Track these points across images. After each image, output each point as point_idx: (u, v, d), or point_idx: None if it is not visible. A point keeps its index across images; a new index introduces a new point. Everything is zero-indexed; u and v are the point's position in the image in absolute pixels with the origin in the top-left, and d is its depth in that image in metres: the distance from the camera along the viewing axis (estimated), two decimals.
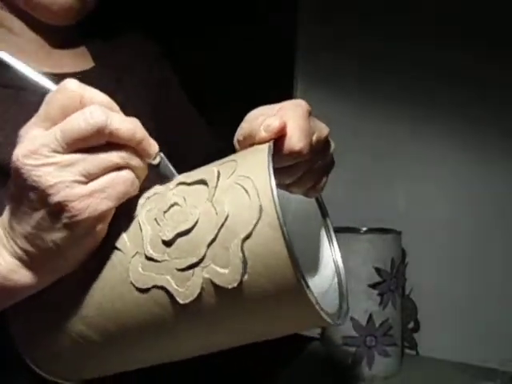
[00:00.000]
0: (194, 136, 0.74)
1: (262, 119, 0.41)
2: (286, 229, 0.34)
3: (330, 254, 0.51)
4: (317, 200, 0.53)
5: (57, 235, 0.37)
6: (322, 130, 0.46)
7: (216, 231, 0.36)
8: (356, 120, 1.06)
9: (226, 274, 0.35)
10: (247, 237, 0.35)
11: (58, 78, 0.56)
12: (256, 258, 0.35)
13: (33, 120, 0.38)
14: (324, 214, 0.52)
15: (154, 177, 0.42)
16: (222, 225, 0.36)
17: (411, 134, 1.02)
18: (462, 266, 0.98)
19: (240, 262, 0.35)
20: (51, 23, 0.57)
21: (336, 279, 0.48)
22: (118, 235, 0.39)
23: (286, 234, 0.34)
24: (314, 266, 0.51)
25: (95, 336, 0.41)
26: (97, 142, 0.37)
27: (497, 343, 0.94)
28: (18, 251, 0.38)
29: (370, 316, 0.89)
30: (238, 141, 0.44)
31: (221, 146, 0.75)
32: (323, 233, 0.52)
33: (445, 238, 1.00)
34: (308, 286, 0.35)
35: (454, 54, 0.96)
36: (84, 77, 0.58)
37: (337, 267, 0.49)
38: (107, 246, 0.39)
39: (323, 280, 0.49)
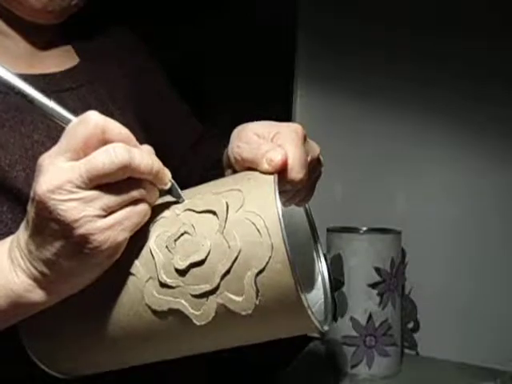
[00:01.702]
0: (179, 124, 0.74)
1: (264, 149, 0.44)
2: (295, 265, 0.39)
3: (316, 263, 0.54)
4: (305, 210, 0.56)
5: (75, 262, 0.39)
6: (315, 150, 0.49)
7: (230, 264, 0.39)
8: (356, 120, 1.06)
9: (240, 301, 0.40)
10: (260, 271, 0.39)
11: (46, 78, 0.57)
12: (267, 288, 0.39)
13: (54, 149, 0.39)
14: (312, 224, 0.56)
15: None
16: (236, 258, 0.39)
17: (411, 134, 1.02)
18: (462, 265, 0.98)
19: (254, 292, 0.39)
20: (36, 22, 0.57)
21: (322, 288, 0.52)
22: (129, 259, 0.42)
23: (295, 271, 0.39)
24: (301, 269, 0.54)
25: (103, 341, 0.43)
26: (118, 178, 0.39)
27: (497, 343, 0.94)
28: (35, 272, 0.40)
29: (370, 316, 0.90)
30: (236, 159, 0.46)
31: (211, 133, 0.76)
32: (310, 241, 0.55)
33: (445, 237, 1.00)
34: (311, 308, 0.40)
35: (455, 54, 0.97)
36: (69, 75, 0.59)
37: (323, 278, 0.53)
38: (120, 270, 0.42)
39: (308, 282, 0.53)
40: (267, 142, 0.46)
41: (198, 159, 0.71)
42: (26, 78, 0.53)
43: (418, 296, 1.01)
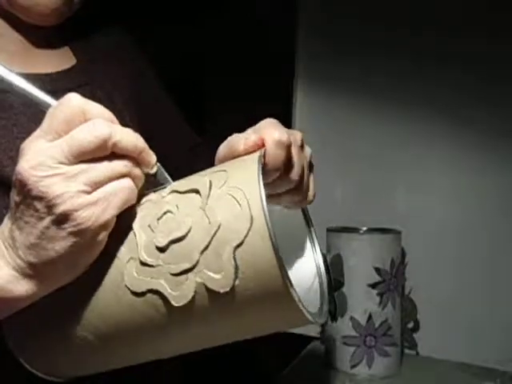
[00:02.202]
0: (176, 130, 0.74)
1: (242, 136, 0.45)
2: (274, 237, 0.37)
3: (312, 254, 0.53)
4: (303, 213, 0.55)
5: (60, 244, 0.38)
6: (295, 133, 0.48)
7: (209, 239, 0.38)
8: (356, 120, 1.06)
9: (218, 279, 0.38)
10: (239, 245, 0.37)
11: (42, 78, 0.56)
12: (247, 264, 0.38)
13: (36, 133, 0.38)
14: (306, 215, 0.54)
15: (148, 184, 0.44)
16: (215, 233, 0.38)
17: (411, 135, 1.02)
18: (462, 265, 0.98)
19: (232, 268, 0.37)
20: (35, 23, 0.56)
21: (317, 280, 0.51)
22: (115, 246, 0.41)
23: (275, 243, 0.37)
24: (295, 264, 0.53)
25: (89, 336, 0.42)
26: (101, 153, 0.38)
27: (497, 343, 0.94)
28: (20, 262, 0.39)
29: (370, 316, 0.90)
30: (219, 159, 0.47)
31: (206, 145, 0.76)
32: (305, 234, 0.54)
33: (445, 237, 1.00)
34: (293, 287, 0.38)
35: (455, 53, 0.97)
36: (66, 75, 0.58)
37: (318, 269, 0.52)
38: (106, 259, 0.41)
39: (304, 278, 0.52)
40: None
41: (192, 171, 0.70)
42: (21, 76, 0.54)
43: (417, 296, 1.01)
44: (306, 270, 0.52)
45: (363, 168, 1.06)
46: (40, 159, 0.37)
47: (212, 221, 0.38)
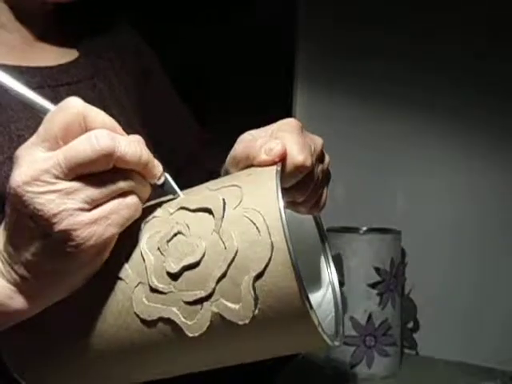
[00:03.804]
0: (181, 128, 0.72)
1: (262, 142, 0.41)
2: (298, 267, 0.35)
3: (326, 272, 0.50)
4: (314, 218, 0.53)
5: (58, 263, 0.35)
6: (316, 140, 0.45)
7: (226, 267, 0.35)
8: (356, 120, 1.06)
9: (237, 309, 0.35)
10: (259, 275, 0.35)
11: (42, 71, 0.53)
12: (267, 294, 0.35)
13: (32, 139, 0.35)
14: (321, 232, 0.52)
15: (153, 191, 0.41)
16: (232, 260, 0.35)
17: (411, 134, 1.02)
18: (462, 265, 0.98)
19: (252, 300, 0.35)
20: (34, 11, 0.54)
21: (332, 299, 0.48)
22: (118, 263, 0.38)
23: (299, 273, 0.35)
24: (309, 281, 0.50)
25: (93, 359, 0.40)
26: (102, 168, 0.35)
27: (496, 343, 0.94)
28: (15, 277, 0.36)
29: (370, 316, 0.90)
30: (233, 162, 0.44)
31: (207, 137, 0.74)
32: (319, 250, 0.52)
33: (445, 237, 1.00)
34: (317, 317, 0.36)
35: (454, 53, 0.97)
36: (67, 69, 0.56)
37: (333, 289, 0.49)
38: (108, 274, 0.38)
39: (313, 290, 0.49)
40: (263, 137, 0.43)
41: (197, 170, 0.68)
42: (21, 70, 0.52)
43: (417, 296, 1.01)
44: (316, 279, 0.50)
45: (363, 168, 1.06)
46: (35, 174, 0.34)
47: (228, 246, 0.36)
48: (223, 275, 0.35)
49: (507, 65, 0.94)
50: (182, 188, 0.41)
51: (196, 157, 0.72)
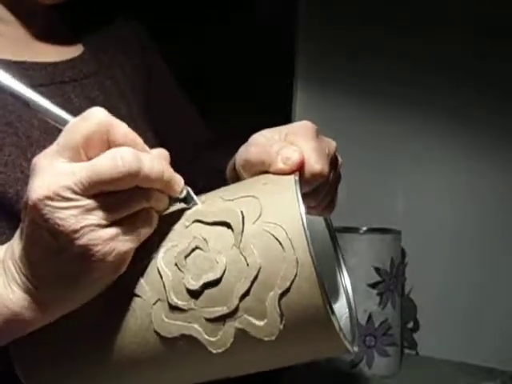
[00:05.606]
0: (187, 125, 0.71)
1: (277, 148, 0.40)
2: (323, 282, 0.34)
3: (337, 273, 0.51)
4: (325, 221, 0.52)
5: (76, 277, 0.35)
6: (331, 144, 0.44)
7: (249, 284, 0.35)
8: (356, 120, 1.06)
9: (261, 326, 0.35)
10: (284, 292, 0.35)
11: (47, 67, 0.52)
12: (292, 310, 0.35)
13: (52, 148, 0.35)
14: (332, 234, 0.52)
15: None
16: (256, 277, 0.35)
17: (411, 134, 1.02)
18: (462, 265, 0.98)
19: (278, 317, 0.35)
20: (37, 6, 0.53)
21: (346, 305, 0.48)
22: (133, 278, 0.37)
23: (324, 287, 0.34)
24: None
25: (107, 374, 0.39)
26: (124, 187, 0.34)
27: (496, 343, 0.94)
28: (30, 287, 0.36)
29: (370, 316, 0.90)
30: (246, 166, 0.42)
31: (212, 136, 0.73)
32: (330, 251, 0.51)
33: (445, 237, 1.00)
34: (341, 329, 0.36)
35: (454, 53, 0.97)
36: (73, 65, 0.55)
37: (347, 296, 0.49)
38: (124, 289, 0.37)
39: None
40: (278, 141, 0.42)
41: (201, 168, 0.66)
42: (26, 66, 0.51)
43: (417, 296, 1.01)
44: (328, 281, 0.48)
45: (363, 168, 1.06)
46: (57, 189, 0.33)
47: (250, 262, 0.35)
48: (247, 292, 0.35)
49: (507, 65, 0.94)
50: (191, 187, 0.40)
51: (202, 152, 0.71)
